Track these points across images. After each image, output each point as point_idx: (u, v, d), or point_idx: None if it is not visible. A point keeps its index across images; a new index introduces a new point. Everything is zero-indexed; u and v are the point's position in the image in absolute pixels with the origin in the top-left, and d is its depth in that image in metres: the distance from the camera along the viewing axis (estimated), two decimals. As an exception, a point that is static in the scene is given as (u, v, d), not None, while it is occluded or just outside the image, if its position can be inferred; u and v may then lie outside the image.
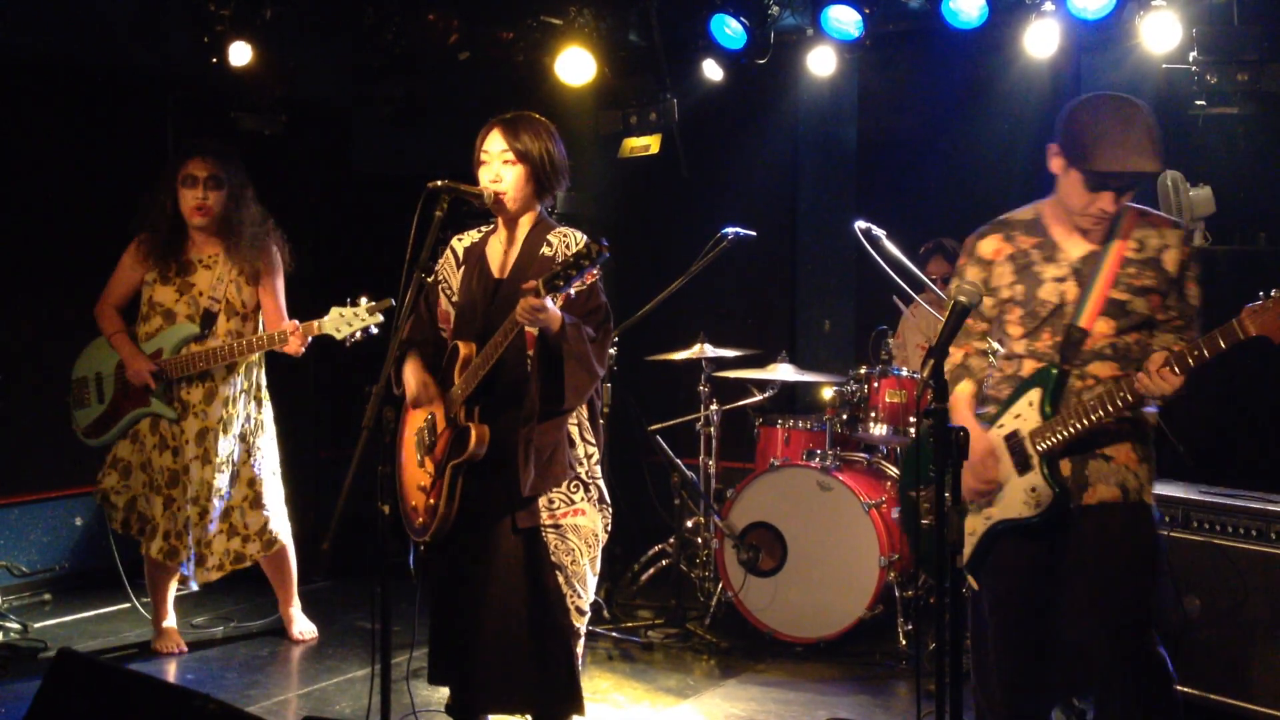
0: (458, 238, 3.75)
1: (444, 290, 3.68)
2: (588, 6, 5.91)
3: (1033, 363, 3.22)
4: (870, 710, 4.37)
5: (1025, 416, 3.20)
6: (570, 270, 3.17)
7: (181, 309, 4.69)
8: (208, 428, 4.64)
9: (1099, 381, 3.13)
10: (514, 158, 3.51)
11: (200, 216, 4.65)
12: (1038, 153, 3.28)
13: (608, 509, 3.65)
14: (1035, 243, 3.25)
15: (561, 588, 3.50)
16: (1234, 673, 3.90)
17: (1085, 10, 4.98)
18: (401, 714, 4.03)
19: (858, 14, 5.46)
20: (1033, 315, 3.22)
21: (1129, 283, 3.13)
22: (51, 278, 5.77)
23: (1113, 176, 3.04)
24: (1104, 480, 3.15)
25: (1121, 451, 3.17)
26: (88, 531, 5.93)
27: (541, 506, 3.48)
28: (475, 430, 3.43)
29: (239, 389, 4.72)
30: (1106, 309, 3.13)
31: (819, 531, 5.01)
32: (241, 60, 5.80)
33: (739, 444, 5.93)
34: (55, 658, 2.92)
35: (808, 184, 6.97)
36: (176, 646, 4.85)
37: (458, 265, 3.68)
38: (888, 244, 4.72)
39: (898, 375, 5.19)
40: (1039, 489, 3.16)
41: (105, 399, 4.77)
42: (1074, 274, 3.18)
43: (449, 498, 3.45)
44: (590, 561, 3.57)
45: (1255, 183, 5.14)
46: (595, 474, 3.61)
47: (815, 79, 6.04)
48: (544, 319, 3.26)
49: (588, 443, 3.60)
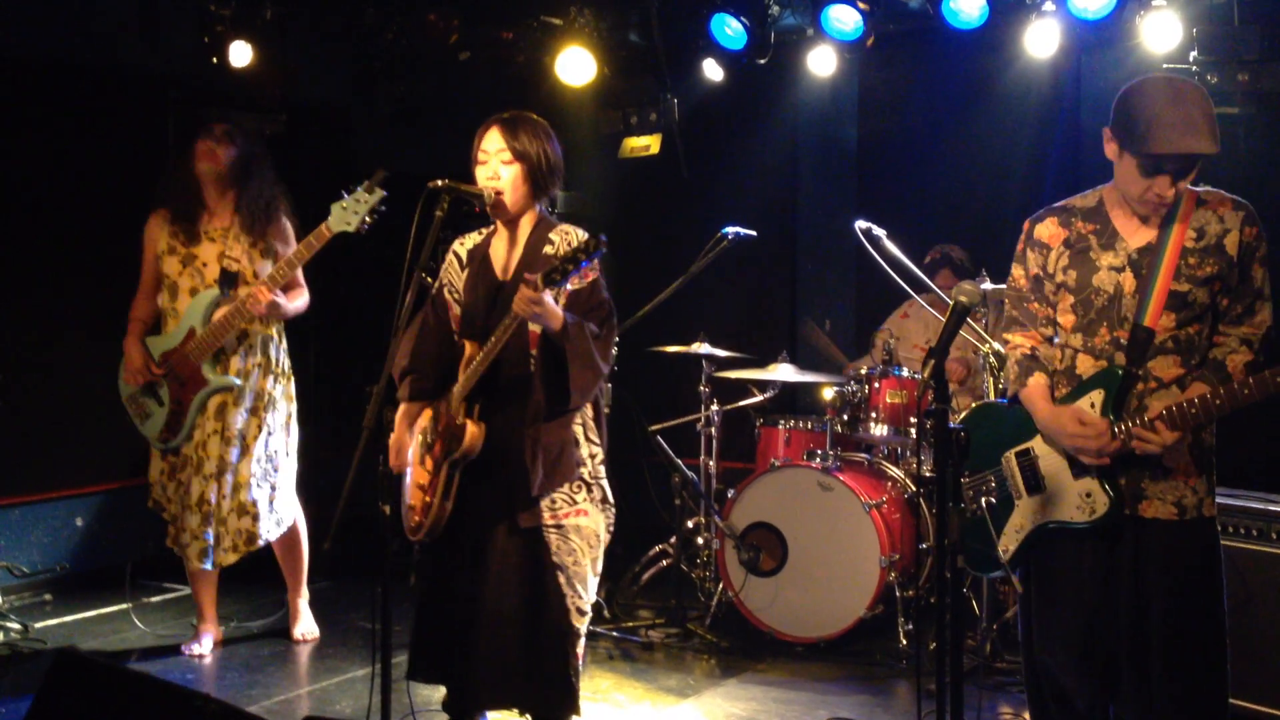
0: (459, 241, 3.74)
1: (450, 294, 3.68)
2: (588, 6, 5.91)
3: (1088, 359, 3.12)
4: (870, 710, 4.36)
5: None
6: (568, 264, 3.17)
7: (185, 281, 4.66)
8: (225, 402, 4.63)
9: (1160, 383, 3.04)
10: (511, 157, 3.51)
11: (208, 162, 4.61)
12: (1038, 152, 3.27)
13: (611, 509, 3.64)
14: (1094, 229, 3.14)
15: (562, 588, 3.49)
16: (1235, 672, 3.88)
17: (1085, 10, 4.98)
18: (401, 714, 4.03)
19: (858, 14, 5.46)
20: (1086, 304, 3.12)
21: (1190, 273, 3.01)
22: (51, 278, 5.77)
23: (1167, 159, 2.92)
24: (1160, 496, 3.04)
25: (1179, 463, 3.04)
26: (88, 531, 5.93)
27: (544, 506, 3.48)
28: (470, 427, 3.42)
29: (252, 361, 4.67)
30: (1169, 303, 3.02)
31: (819, 531, 5.01)
32: (241, 60, 5.80)
33: (739, 444, 5.93)
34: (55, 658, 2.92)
35: (808, 184, 6.97)
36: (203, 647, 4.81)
37: (461, 268, 3.68)
38: (888, 244, 4.71)
39: (898, 375, 5.19)
40: (1094, 495, 3.06)
41: (165, 400, 4.69)
42: (1130, 265, 3.07)
43: (444, 495, 3.45)
44: (592, 562, 3.56)
45: (1255, 183, 5.12)
46: (599, 474, 3.61)
47: (815, 79, 6.03)
48: (543, 313, 3.25)
49: (592, 443, 3.59)
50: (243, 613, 5.32)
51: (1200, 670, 3.05)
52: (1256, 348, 3.04)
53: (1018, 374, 3.24)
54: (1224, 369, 3.00)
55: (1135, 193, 3.02)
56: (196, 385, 4.62)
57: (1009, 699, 4.36)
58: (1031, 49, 5.24)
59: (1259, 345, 3.04)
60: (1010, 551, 3.21)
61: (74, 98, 5.89)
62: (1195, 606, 3.05)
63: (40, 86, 5.78)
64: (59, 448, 5.82)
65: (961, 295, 2.90)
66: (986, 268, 4.90)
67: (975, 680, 4.46)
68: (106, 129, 5.99)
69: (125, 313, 4.80)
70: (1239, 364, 2.99)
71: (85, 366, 5.81)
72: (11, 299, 5.66)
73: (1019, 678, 4.42)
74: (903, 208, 6.35)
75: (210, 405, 4.63)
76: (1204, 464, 3.09)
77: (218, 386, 4.61)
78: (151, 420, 4.71)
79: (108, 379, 4.79)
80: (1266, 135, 5.16)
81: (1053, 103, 5.92)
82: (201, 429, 4.63)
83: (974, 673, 4.52)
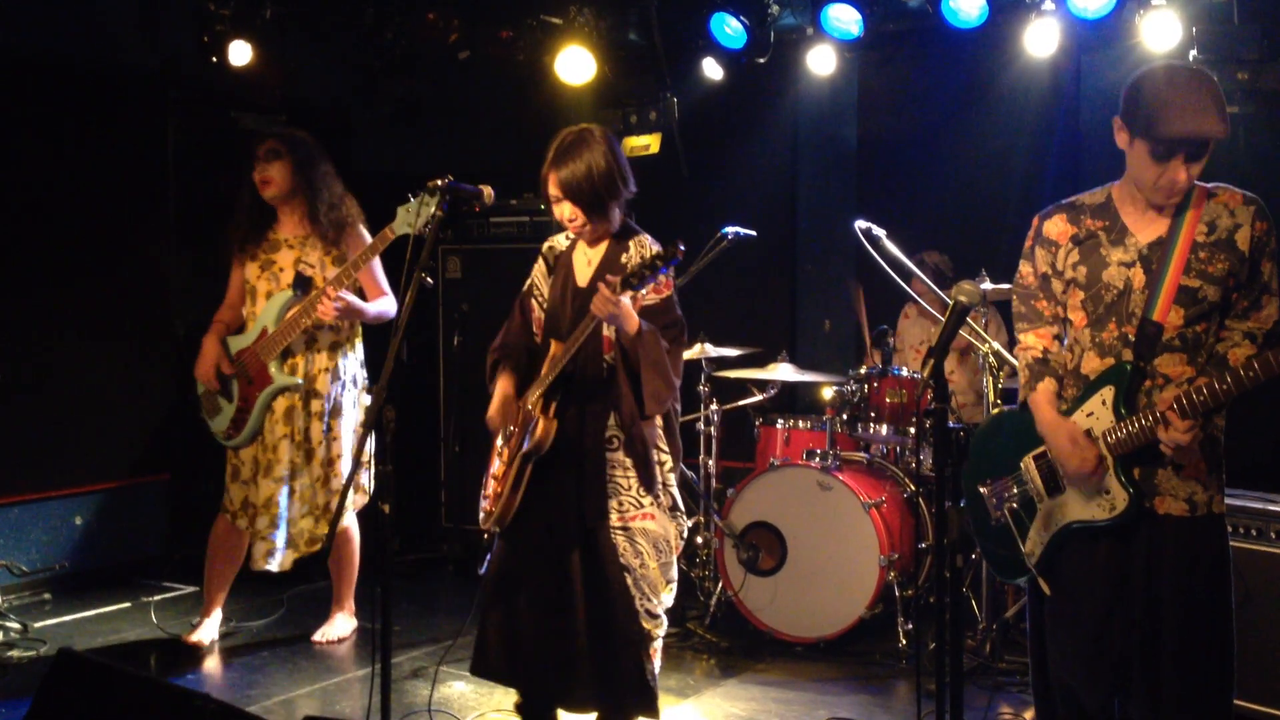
0: (548, 244, 3.86)
1: (536, 298, 3.79)
2: (588, 6, 5.91)
3: (1096, 356, 3.12)
4: (870, 710, 4.36)
5: (1098, 415, 3.08)
6: (646, 269, 3.29)
7: (262, 285, 4.71)
8: (293, 405, 4.67)
9: (1168, 380, 3.03)
10: (572, 198, 3.58)
11: (266, 189, 4.67)
12: (1038, 152, 3.27)
13: (682, 516, 3.72)
14: (1103, 225, 3.13)
15: (630, 590, 3.54)
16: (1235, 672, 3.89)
17: (1085, 9, 4.98)
18: (401, 714, 4.03)
19: (858, 13, 5.47)
20: (1096, 299, 3.11)
21: (1201, 269, 2.99)
22: (51, 278, 5.77)
23: (1180, 142, 2.90)
24: (1172, 492, 3.04)
25: (1191, 460, 3.03)
26: (88, 531, 5.93)
27: (610, 509, 3.55)
28: (543, 422, 3.53)
29: (319, 366, 4.69)
30: (1178, 297, 2.99)
31: (819, 531, 5.01)
32: (241, 60, 5.80)
33: (739, 444, 5.93)
34: (55, 658, 2.92)
35: (808, 184, 6.97)
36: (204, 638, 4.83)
37: (549, 271, 3.80)
38: (888, 244, 4.71)
39: (898, 375, 5.18)
40: (1114, 492, 3.05)
41: (234, 396, 4.73)
42: (1140, 260, 3.06)
43: (514, 487, 3.56)
44: (661, 566, 3.62)
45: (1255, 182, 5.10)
46: (669, 481, 3.68)
47: (815, 78, 6.04)
48: (619, 314, 3.35)
49: (661, 450, 3.67)
50: (242, 613, 5.31)
51: (1208, 668, 3.05)
52: (1260, 342, 3.02)
53: (1028, 378, 3.24)
54: (1226, 362, 3.00)
55: (1149, 179, 3.00)
56: (262, 383, 4.66)
57: (1009, 699, 4.36)
58: (1031, 48, 5.24)
59: (1263, 340, 3.03)
60: (1036, 555, 3.21)
61: (74, 97, 5.89)
62: (1206, 604, 3.05)
63: (40, 86, 5.78)
64: (59, 447, 5.82)
65: (961, 295, 2.89)
66: (986, 267, 4.90)
67: (975, 680, 4.47)
68: (106, 128, 6.00)
69: (125, 312, 4.81)
70: (1241, 356, 2.98)
71: (85, 366, 5.82)
72: (11, 299, 5.66)
73: (1019, 677, 4.43)
74: (902, 207, 6.34)
75: (279, 408, 4.66)
76: (1214, 460, 3.09)
77: (282, 385, 4.64)
78: (220, 416, 4.77)
79: (108, 379, 4.80)
80: (1266, 135, 5.16)
81: (1052, 102, 5.92)
82: (271, 432, 4.67)
83: (974, 673, 4.53)
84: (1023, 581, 3.32)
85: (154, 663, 4.75)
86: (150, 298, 6.15)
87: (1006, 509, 3.28)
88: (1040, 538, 3.20)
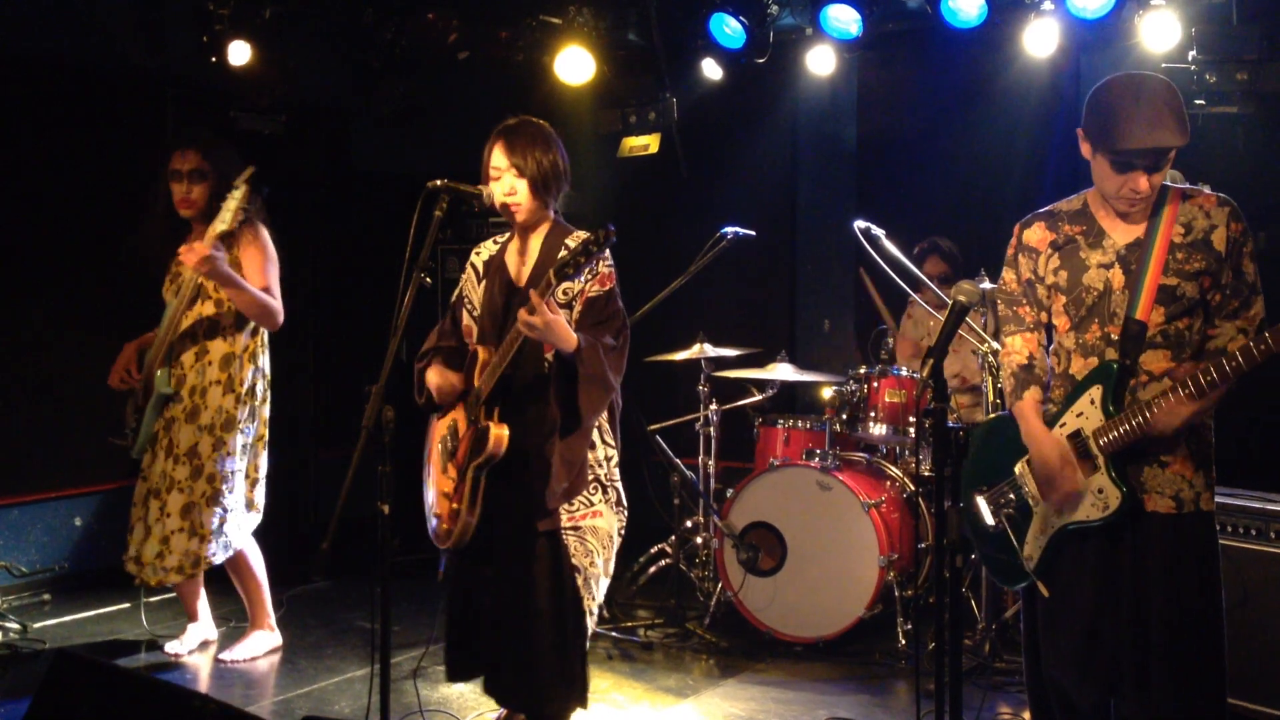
0: (476, 251, 3.75)
1: (466, 307, 3.70)
2: (587, 6, 5.91)
3: (1081, 357, 3.15)
4: (870, 710, 4.36)
5: (1088, 415, 3.11)
6: (579, 256, 3.16)
7: (169, 297, 4.67)
8: (173, 417, 4.57)
9: (1152, 377, 3.06)
10: (519, 171, 3.51)
11: (186, 209, 4.60)
12: (1037, 152, 3.28)
13: (623, 511, 3.67)
14: (1080, 230, 3.18)
15: (580, 590, 3.51)
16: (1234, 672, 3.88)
17: (1084, 9, 4.98)
18: (401, 714, 4.03)
19: (857, 13, 5.47)
20: (1077, 302, 3.15)
21: (1178, 268, 3.04)
22: (51, 278, 5.78)
23: (1136, 155, 2.96)
24: (1159, 489, 3.07)
25: (1177, 457, 3.06)
26: (88, 531, 5.93)
27: (562, 510, 3.50)
28: (494, 430, 3.42)
29: (209, 378, 4.57)
30: (1158, 296, 3.05)
31: (819, 531, 5.01)
32: (241, 60, 5.79)
33: (738, 444, 5.93)
34: (54, 658, 2.92)
35: (807, 184, 6.97)
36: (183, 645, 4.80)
37: (479, 279, 3.69)
38: (887, 244, 4.72)
39: (897, 375, 5.19)
40: (1106, 490, 3.07)
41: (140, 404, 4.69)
42: (1119, 261, 3.10)
43: (471, 501, 3.44)
44: (604, 563, 3.59)
45: (1255, 182, 5.13)
46: (614, 476, 3.63)
47: (815, 78, 6.03)
48: (545, 333, 3.22)
49: (607, 444, 3.61)
50: (241, 613, 5.31)
51: (1199, 666, 3.06)
52: (1252, 337, 3.04)
53: (1014, 386, 3.26)
54: (1224, 351, 3.01)
55: (1111, 190, 3.07)
56: (150, 390, 4.63)
57: (1008, 699, 4.36)
58: (1030, 48, 5.24)
59: (1254, 334, 3.04)
60: (1035, 559, 3.22)
61: (74, 97, 5.90)
62: (1194, 602, 3.06)
63: (40, 86, 5.78)
64: (59, 448, 5.82)
65: (960, 294, 2.90)
66: (985, 267, 4.90)
67: (974, 680, 4.47)
68: (106, 128, 6.00)
69: (125, 312, 4.81)
70: (1238, 346, 3.00)
71: (85, 366, 5.81)
72: (11, 299, 5.66)
73: (1018, 678, 4.43)
74: (902, 207, 6.34)
75: (162, 419, 4.59)
76: (1202, 458, 3.11)
77: (158, 392, 4.58)
78: (131, 431, 4.71)
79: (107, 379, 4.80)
80: (1266, 135, 5.15)
81: (1052, 102, 5.92)
82: (157, 443, 4.60)
83: (973, 673, 4.53)
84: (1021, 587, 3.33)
85: (153, 663, 4.75)
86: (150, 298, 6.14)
87: (1004, 515, 3.29)
88: (1038, 541, 3.21)
